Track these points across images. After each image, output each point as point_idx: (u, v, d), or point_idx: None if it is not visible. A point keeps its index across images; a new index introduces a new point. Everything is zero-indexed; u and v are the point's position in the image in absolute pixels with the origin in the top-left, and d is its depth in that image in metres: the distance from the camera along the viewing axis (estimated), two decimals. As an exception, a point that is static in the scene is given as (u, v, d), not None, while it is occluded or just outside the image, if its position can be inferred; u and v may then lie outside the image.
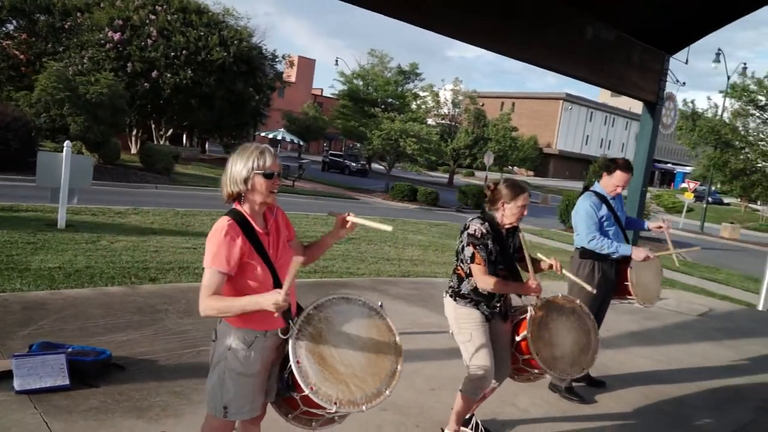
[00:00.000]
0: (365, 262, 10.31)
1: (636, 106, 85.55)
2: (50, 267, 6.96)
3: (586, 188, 4.89)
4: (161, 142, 24.10)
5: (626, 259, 4.58)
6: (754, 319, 9.30)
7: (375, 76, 37.80)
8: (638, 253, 4.45)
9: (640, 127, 10.65)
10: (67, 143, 9.96)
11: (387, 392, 2.44)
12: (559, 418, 4.18)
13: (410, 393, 4.22)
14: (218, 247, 2.27)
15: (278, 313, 2.13)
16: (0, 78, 22.92)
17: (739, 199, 35.62)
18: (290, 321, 2.37)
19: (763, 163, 24.71)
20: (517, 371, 3.63)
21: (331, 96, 44.53)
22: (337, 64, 42.89)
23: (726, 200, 52.18)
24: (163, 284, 6.67)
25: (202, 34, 21.99)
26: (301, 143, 31.04)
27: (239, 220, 2.34)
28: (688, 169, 68.07)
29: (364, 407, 2.35)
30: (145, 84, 21.46)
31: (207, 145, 34.03)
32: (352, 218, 2.63)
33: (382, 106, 36.32)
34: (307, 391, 2.27)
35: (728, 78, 27.15)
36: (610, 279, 4.62)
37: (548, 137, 65.63)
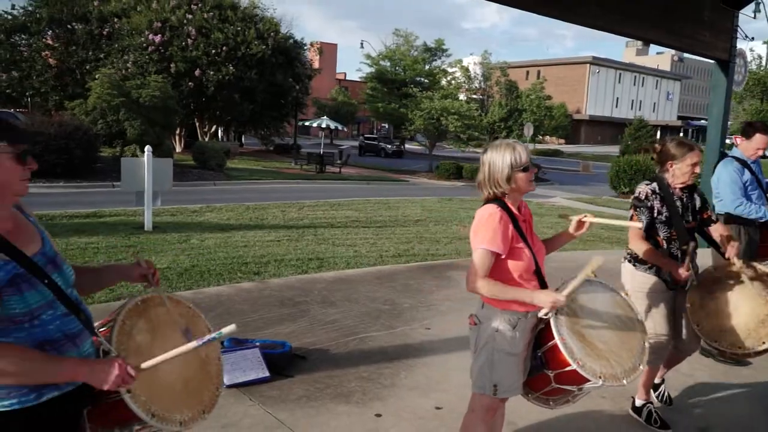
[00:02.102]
0: (440, 243, 10.43)
1: (664, 63, 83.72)
2: (160, 268, 7.22)
3: (723, 154, 4.91)
4: (206, 139, 24.46)
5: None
6: None
7: (402, 56, 37.67)
8: None
9: (712, 86, 10.55)
10: (148, 147, 10.25)
11: (641, 367, 2.59)
12: (717, 381, 4.28)
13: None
14: (494, 231, 2.42)
15: (550, 311, 2.32)
16: (45, 89, 23.43)
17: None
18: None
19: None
20: None
21: (358, 79, 44.59)
22: (362, 47, 42.82)
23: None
24: (287, 277, 6.90)
25: (239, 29, 22.19)
26: (344, 129, 31.19)
27: (505, 208, 2.49)
28: (723, 124, 66.66)
29: (624, 381, 2.50)
30: (190, 83, 21.78)
31: (243, 139, 34.41)
32: (589, 219, 2.73)
33: (412, 86, 36.24)
34: (574, 366, 2.43)
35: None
36: (755, 242, 4.69)
37: (577, 103, 64.74)
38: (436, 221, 13.13)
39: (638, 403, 3.60)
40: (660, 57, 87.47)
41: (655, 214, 3.37)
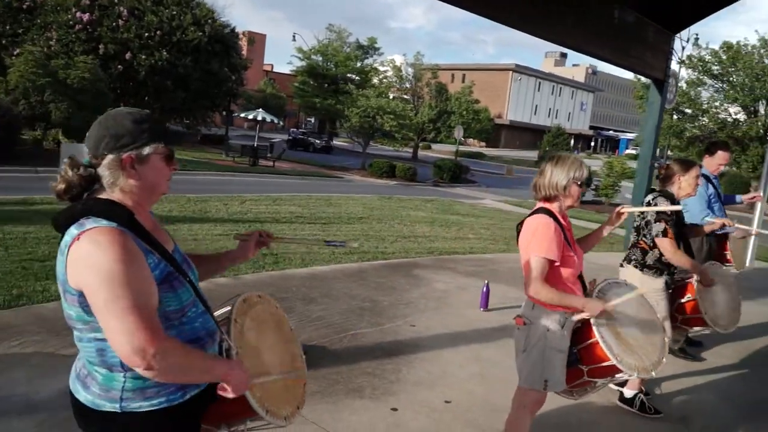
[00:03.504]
0: (386, 240, 10.57)
1: (579, 75, 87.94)
2: None
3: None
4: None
5: (725, 234, 5.13)
6: None
7: (335, 52, 37.61)
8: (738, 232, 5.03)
9: (648, 104, 11.32)
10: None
11: (664, 360, 2.87)
12: (682, 374, 4.71)
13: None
14: (550, 240, 2.63)
15: (591, 315, 2.57)
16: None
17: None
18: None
19: (718, 130, 26.18)
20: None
21: (288, 72, 44.06)
22: (294, 40, 42.22)
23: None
24: (259, 273, 6.86)
25: (174, 13, 21.42)
26: (281, 122, 30.72)
27: (555, 219, 2.69)
28: (630, 136, 70.96)
29: (653, 373, 2.77)
30: (119, 66, 20.82)
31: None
32: (626, 209, 3.03)
33: (343, 82, 36.30)
34: (614, 362, 2.68)
35: (683, 48, 28.48)
36: (714, 250, 5.17)
37: (499, 108, 66.90)
38: (379, 219, 13.28)
39: (628, 394, 3.92)
40: (575, 69, 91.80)
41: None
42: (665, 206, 3.74)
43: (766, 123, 25.76)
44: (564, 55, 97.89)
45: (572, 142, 54.72)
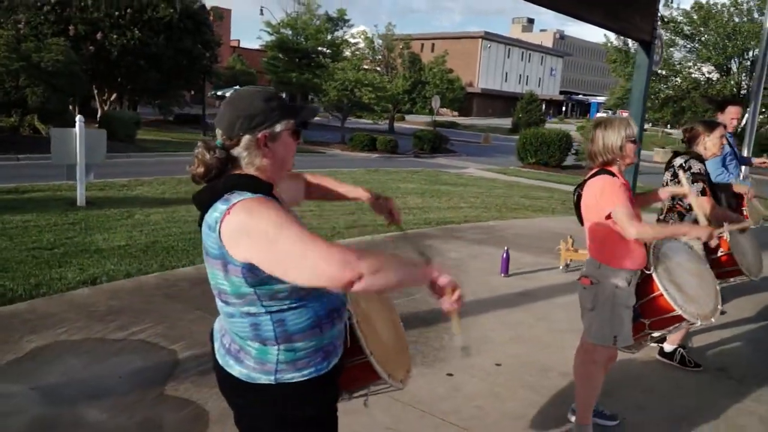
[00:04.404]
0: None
1: (547, 40, 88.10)
2: (120, 245, 6.96)
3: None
4: (105, 108, 22.94)
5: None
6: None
7: (305, 25, 36.99)
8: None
9: (636, 67, 11.40)
10: (79, 117, 9.61)
11: (720, 307, 3.00)
12: (712, 328, 4.89)
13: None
14: (622, 192, 2.73)
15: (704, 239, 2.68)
16: None
17: (668, 126, 38.13)
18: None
19: (692, 90, 26.59)
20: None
21: (257, 47, 43.25)
22: (262, 14, 41.32)
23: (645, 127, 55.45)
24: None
25: (143, -11, 20.82)
26: None
27: (614, 176, 2.78)
28: (600, 99, 71.62)
29: (712, 319, 2.92)
30: (90, 47, 20.22)
31: (138, 108, 32.50)
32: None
33: (315, 55, 35.78)
34: (679, 312, 2.81)
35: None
36: (733, 206, 5.33)
37: (470, 76, 66.84)
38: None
39: (668, 348, 4.08)
40: (543, 34, 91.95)
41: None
42: (697, 168, 3.85)
43: (739, 81, 26.25)
44: (531, 21, 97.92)
45: (543, 107, 55.06)
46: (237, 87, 16.89)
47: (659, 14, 11.18)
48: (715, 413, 3.52)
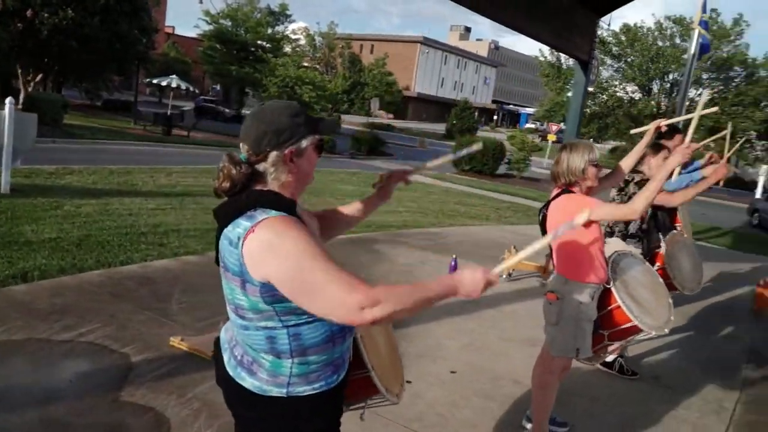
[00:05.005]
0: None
1: (482, 50, 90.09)
2: (51, 238, 6.67)
3: None
4: (28, 89, 21.67)
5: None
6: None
7: (245, 17, 36.32)
8: None
9: (573, 84, 11.94)
10: (9, 99, 9.11)
11: (672, 318, 3.21)
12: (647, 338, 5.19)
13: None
14: (586, 197, 2.93)
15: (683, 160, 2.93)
16: None
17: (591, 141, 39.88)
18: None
19: (617, 108, 27.96)
20: None
21: (195, 36, 42.02)
22: (201, 2, 40.20)
23: (567, 139, 57.53)
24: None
25: (78, -32, 19.77)
26: (196, 90, 29.36)
27: None
28: (530, 111, 73.98)
29: (666, 330, 3.13)
30: (19, 24, 19.05)
31: (62, 91, 30.93)
32: None
33: (254, 48, 35.21)
34: (636, 322, 2.99)
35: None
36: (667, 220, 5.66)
37: (407, 80, 67.45)
38: (310, 192, 13.20)
39: (609, 358, 4.31)
40: (479, 43, 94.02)
41: None
42: (639, 178, 4.11)
43: (659, 101, 27.79)
44: (468, 29, 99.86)
45: (476, 115, 56.34)
46: (174, 76, 16.44)
47: (597, 36, 11.72)
48: (653, 420, 3.76)
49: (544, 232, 3.13)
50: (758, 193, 24.49)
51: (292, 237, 1.49)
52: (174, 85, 22.83)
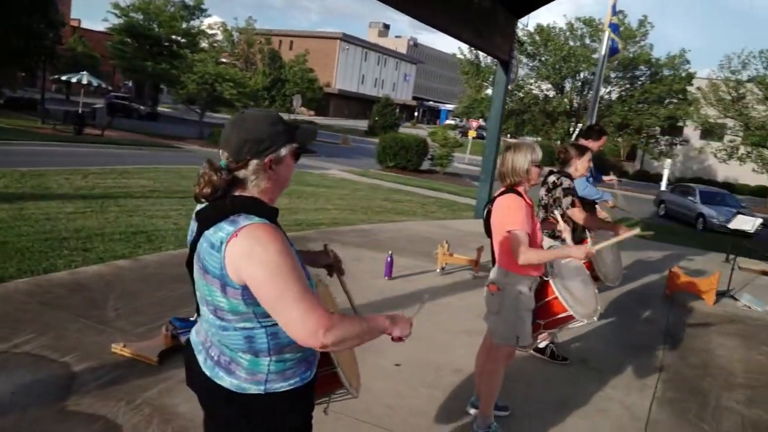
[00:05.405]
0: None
1: (401, 47, 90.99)
2: None
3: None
4: None
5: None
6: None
7: (158, 10, 35.05)
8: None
9: (495, 83, 12.39)
10: None
11: (599, 307, 3.48)
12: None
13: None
14: (524, 216, 3.04)
15: (583, 258, 3.04)
16: None
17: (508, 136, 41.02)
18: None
19: (533, 105, 29.08)
20: None
21: (103, 30, 40.13)
22: (111, -6, 38.39)
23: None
24: (160, 253, 6.63)
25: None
26: (109, 87, 27.99)
27: (521, 197, 3.11)
28: (450, 107, 75.49)
29: (594, 318, 3.38)
30: None
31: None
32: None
33: (168, 44, 34.08)
34: (570, 312, 3.22)
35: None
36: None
37: (327, 77, 67.23)
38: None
39: (541, 344, 4.57)
40: (398, 40, 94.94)
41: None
42: (567, 184, 4.38)
43: (572, 99, 29.12)
44: (387, 27, 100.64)
45: (398, 111, 56.96)
46: (84, 72, 15.84)
47: (516, 37, 12.21)
48: (584, 400, 4.04)
49: (488, 227, 3.30)
50: (663, 185, 26.15)
51: (274, 249, 1.56)
52: (85, 81, 21.77)
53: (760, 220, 8.10)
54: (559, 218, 3.71)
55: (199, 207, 1.73)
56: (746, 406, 4.27)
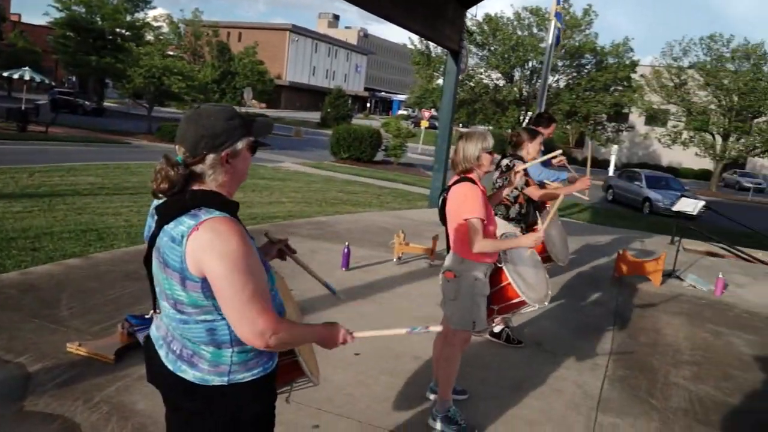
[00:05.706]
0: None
1: (351, 37, 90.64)
2: None
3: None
4: None
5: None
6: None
7: (100, 3, 33.96)
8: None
9: (446, 73, 12.50)
10: None
11: (550, 292, 3.61)
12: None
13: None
14: (479, 203, 3.12)
15: (534, 246, 3.15)
16: None
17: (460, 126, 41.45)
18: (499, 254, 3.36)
19: (483, 94, 29.40)
20: None
21: (45, 24, 38.69)
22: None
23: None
24: (112, 251, 6.51)
25: None
26: (52, 83, 26.95)
27: (475, 184, 3.20)
28: (402, 97, 75.71)
29: (546, 302, 3.51)
30: None
31: None
32: (520, 166, 3.68)
33: (111, 37, 33.10)
34: (523, 298, 3.33)
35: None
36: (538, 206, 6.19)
37: (278, 69, 66.45)
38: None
39: (497, 329, 4.70)
40: (348, 31, 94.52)
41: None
42: (522, 166, 4.51)
43: (521, 88, 29.59)
44: (337, 17, 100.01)
45: (350, 102, 56.81)
46: (26, 68, 15.43)
47: (465, 27, 12.36)
48: (540, 381, 4.19)
49: (443, 216, 3.38)
50: (611, 171, 26.89)
51: (234, 244, 1.59)
52: (27, 77, 20.96)
53: (702, 203, 8.43)
54: (514, 178, 3.85)
55: (156, 202, 1.74)
56: (693, 381, 4.50)
